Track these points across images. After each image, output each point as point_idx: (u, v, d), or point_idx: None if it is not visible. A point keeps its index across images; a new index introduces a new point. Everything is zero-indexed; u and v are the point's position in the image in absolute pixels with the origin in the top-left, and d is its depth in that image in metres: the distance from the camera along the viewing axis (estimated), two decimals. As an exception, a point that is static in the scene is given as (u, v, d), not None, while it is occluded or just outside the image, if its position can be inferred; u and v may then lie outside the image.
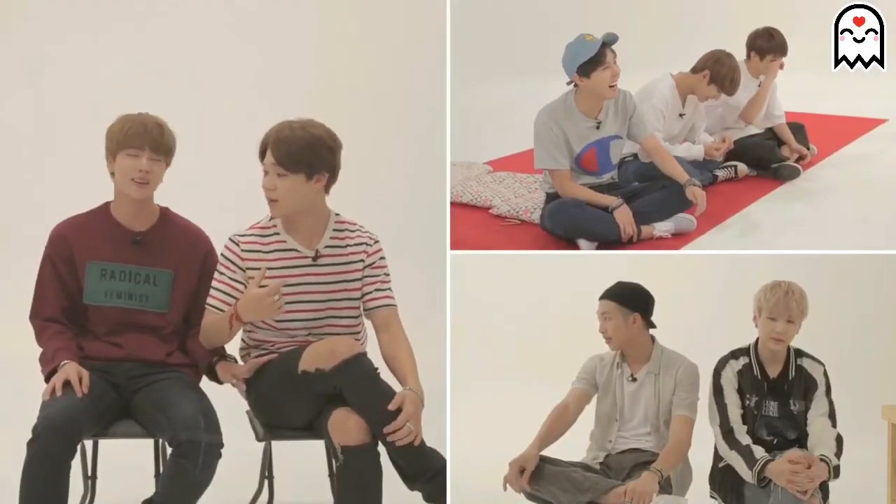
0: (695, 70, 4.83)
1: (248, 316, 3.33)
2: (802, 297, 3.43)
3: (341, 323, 3.48)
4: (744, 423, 3.41)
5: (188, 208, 3.66)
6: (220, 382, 3.52)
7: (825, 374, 3.47)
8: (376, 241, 3.54)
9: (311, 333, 3.46)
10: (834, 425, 3.40)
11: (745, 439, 3.35)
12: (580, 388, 3.66)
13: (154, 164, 3.44)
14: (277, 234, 3.47)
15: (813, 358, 3.49)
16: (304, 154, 3.36)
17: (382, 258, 3.54)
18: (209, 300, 3.45)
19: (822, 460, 3.25)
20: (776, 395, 3.44)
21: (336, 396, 3.29)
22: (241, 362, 3.57)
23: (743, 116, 5.30)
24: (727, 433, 3.38)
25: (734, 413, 3.41)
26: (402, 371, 3.39)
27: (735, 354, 3.50)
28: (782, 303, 3.40)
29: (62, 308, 3.47)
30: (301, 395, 3.34)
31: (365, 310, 3.52)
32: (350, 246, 3.49)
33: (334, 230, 3.50)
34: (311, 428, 3.42)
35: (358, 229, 3.53)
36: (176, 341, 3.55)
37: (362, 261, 3.50)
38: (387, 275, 3.53)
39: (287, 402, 3.38)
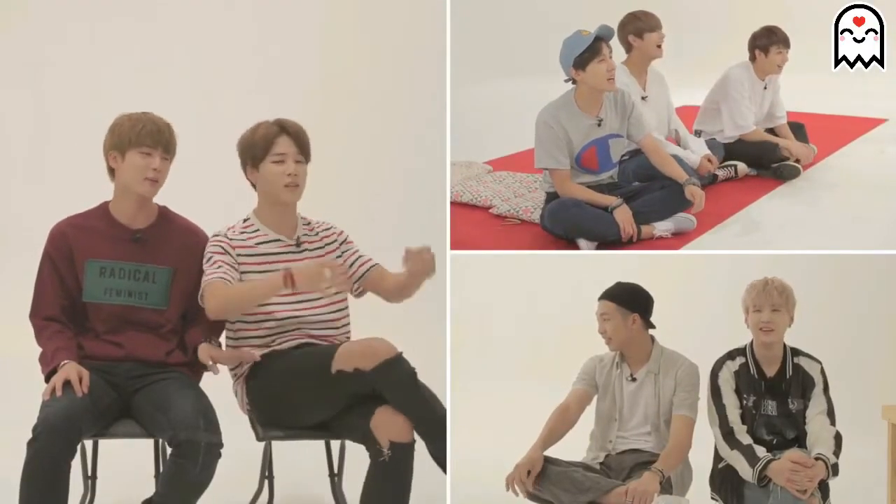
0: (628, 49, 4.81)
1: (303, 281, 3.30)
2: (783, 287, 3.46)
3: (326, 303, 3.56)
4: (743, 423, 3.41)
5: (187, 207, 3.67)
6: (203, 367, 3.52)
7: (822, 371, 3.47)
8: (335, 225, 3.73)
9: (295, 317, 3.51)
10: (833, 423, 3.40)
11: (746, 439, 3.36)
12: (581, 388, 3.66)
13: (164, 164, 3.47)
14: (258, 230, 3.58)
15: (810, 356, 3.50)
16: (309, 143, 3.61)
17: (347, 236, 3.71)
18: (216, 273, 3.43)
19: (819, 459, 3.26)
20: (774, 394, 3.45)
21: (366, 396, 3.32)
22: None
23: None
24: (727, 434, 3.38)
25: (733, 414, 3.42)
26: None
27: (731, 355, 3.51)
28: (762, 294, 3.44)
29: (62, 307, 3.47)
30: (331, 395, 3.36)
31: (357, 279, 3.64)
32: (320, 232, 3.67)
33: (302, 223, 3.66)
34: (325, 427, 3.45)
35: (316, 220, 3.70)
36: (175, 340, 3.55)
37: (335, 241, 3.67)
38: (357, 248, 3.71)
39: (310, 401, 3.40)
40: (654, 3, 4.99)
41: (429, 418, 3.31)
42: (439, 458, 3.33)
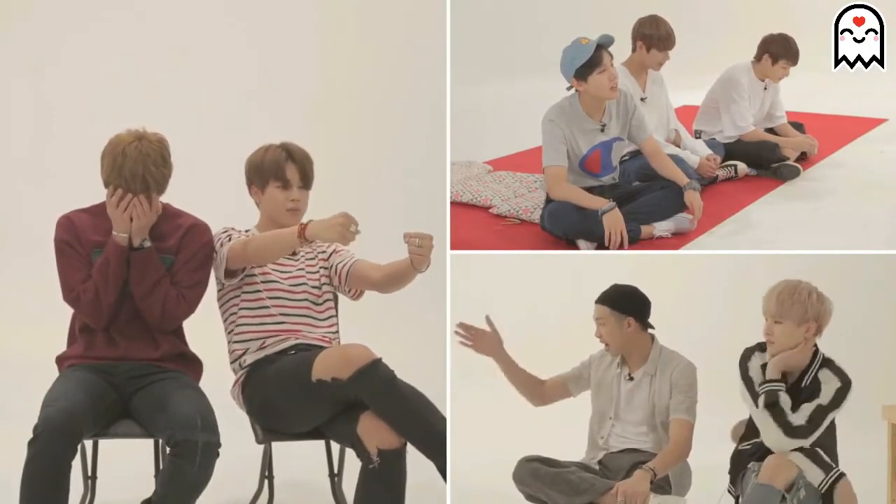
0: (633, 49, 4.82)
1: (315, 230, 3.33)
2: (787, 296, 3.24)
3: (316, 308, 3.65)
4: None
5: (188, 207, 3.67)
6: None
7: (839, 390, 3.23)
8: None
9: (284, 314, 3.57)
10: (831, 449, 3.24)
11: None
12: (567, 375, 3.71)
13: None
14: None
15: (836, 371, 3.29)
16: (313, 170, 3.73)
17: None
18: (227, 243, 3.53)
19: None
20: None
21: (353, 401, 3.32)
22: (233, 374, 3.62)
23: None
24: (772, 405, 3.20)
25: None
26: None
27: (762, 346, 3.33)
28: (765, 301, 3.29)
29: (90, 277, 3.46)
30: (316, 403, 3.36)
31: (343, 275, 3.67)
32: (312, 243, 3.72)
33: None
34: (317, 431, 3.45)
35: None
36: (172, 338, 3.55)
37: (324, 251, 3.75)
38: (339, 249, 3.77)
39: (296, 410, 3.41)
40: (654, 4, 4.99)
41: (412, 424, 3.27)
42: (437, 464, 3.28)
